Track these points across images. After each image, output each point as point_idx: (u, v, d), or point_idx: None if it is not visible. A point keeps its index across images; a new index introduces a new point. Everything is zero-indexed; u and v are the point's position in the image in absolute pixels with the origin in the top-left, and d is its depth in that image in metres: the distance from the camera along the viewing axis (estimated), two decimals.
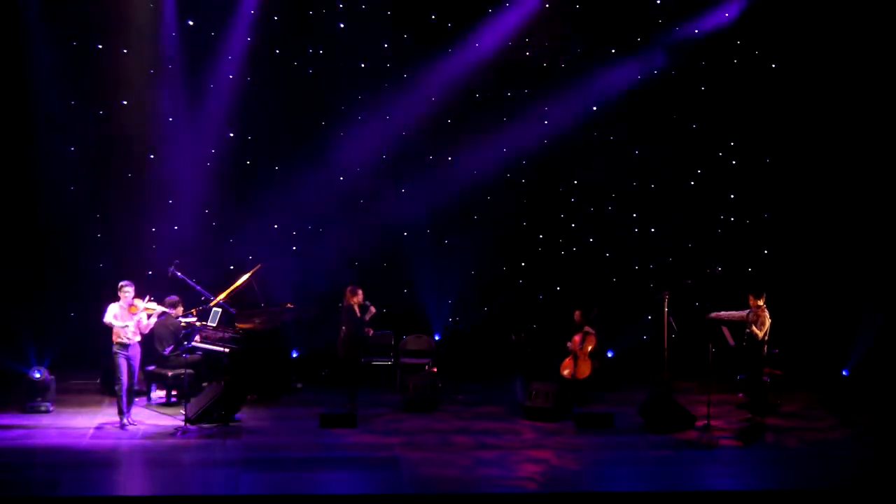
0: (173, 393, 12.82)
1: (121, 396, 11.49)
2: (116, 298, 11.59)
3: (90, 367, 13.35)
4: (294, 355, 14.43)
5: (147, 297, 11.76)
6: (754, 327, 12.08)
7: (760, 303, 12.13)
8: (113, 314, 11.47)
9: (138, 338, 11.63)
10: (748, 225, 15.88)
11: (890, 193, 15.20)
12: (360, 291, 12.77)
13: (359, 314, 12.65)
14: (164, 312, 12.00)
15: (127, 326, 11.46)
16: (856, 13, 14.94)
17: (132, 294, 11.60)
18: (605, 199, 15.94)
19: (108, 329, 11.49)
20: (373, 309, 12.77)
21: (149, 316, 11.71)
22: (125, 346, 11.48)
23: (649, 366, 14.12)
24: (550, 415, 12.24)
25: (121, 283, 11.70)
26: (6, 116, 14.19)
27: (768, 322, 12.12)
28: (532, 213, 15.98)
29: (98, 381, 13.14)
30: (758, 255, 15.70)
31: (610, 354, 14.69)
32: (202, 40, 14.82)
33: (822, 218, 15.42)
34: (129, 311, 11.52)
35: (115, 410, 11.69)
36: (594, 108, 15.77)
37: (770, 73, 15.52)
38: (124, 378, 11.46)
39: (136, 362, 11.71)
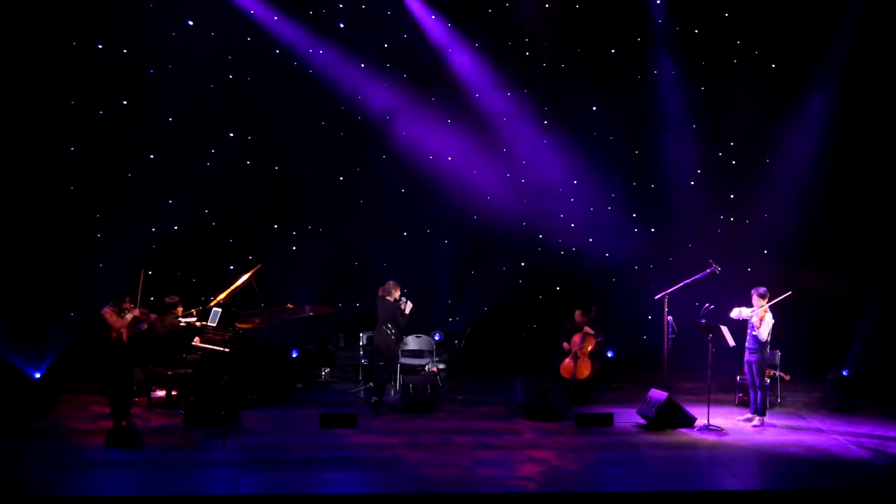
0: (173, 393, 12.81)
1: (117, 397, 11.47)
2: (107, 303, 11.55)
3: (89, 367, 13.32)
4: (294, 355, 14.43)
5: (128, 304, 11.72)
6: (758, 328, 12.05)
7: (764, 303, 12.10)
8: (108, 322, 11.42)
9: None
10: (749, 225, 15.89)
11: (890, 192, 15.22)
12: (398, 287, 13.04)
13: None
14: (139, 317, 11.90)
15: (121, 331, 11.44)
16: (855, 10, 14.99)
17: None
18: (605, 198, 15.95)
19: (105, 330, 11.45)
20: (409, 304, 12.96)
21: (137, 321, 11.69)
22: (121, 347, 11.44)
23: (649, 366, 14.15)
24: (551, 415, 12.23)
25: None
26: (4, 115, 14.18)
27: (771, 322, 12.09)
28: (531, 213, 15.98)
29: (97, 381, 13.11)
30: (759, 255, 15.69)
31: (610, 354, 14.69)
32: (201, 40, 14.83)
33: (820, 217, 15.43)
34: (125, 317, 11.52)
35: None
36: (594, 108, 15.79)
37: (770, 72, 15.53)
38: (122, 379, 11.44)
39: (132, 362, 11.68)
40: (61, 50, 14.35)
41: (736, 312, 12.24)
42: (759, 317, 12.07)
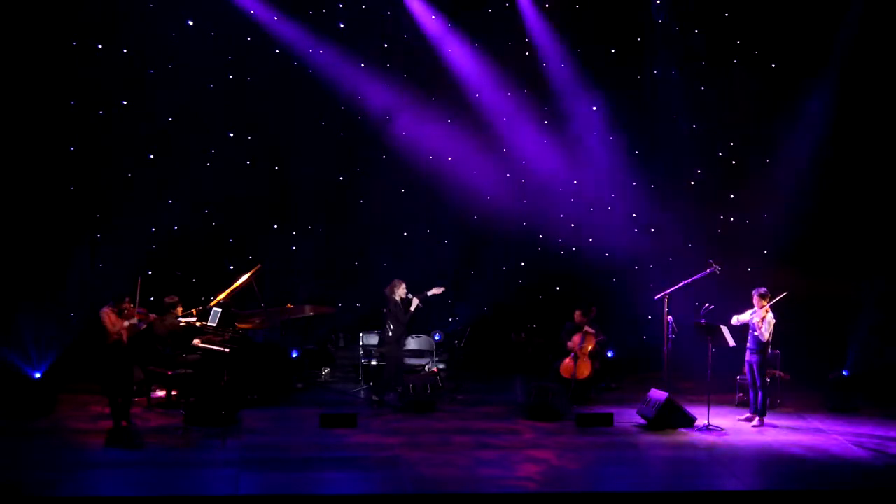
0: (173, 393, 12.81)
1: (117, 397, 11.47)
2: (107, 303, 11.54)
3: (89, 368, 13.32)
4: (294, 355, 14.44)
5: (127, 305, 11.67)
6: (760, 329, 12.04)
7: (765, 303, 12.08)
8: (108, 322, 11.42)
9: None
10: (749, 225, 15.89)
11: (890, 192, 15.22)
12: (403, 284, 13.03)
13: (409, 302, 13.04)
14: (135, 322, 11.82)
15: (120, 332, 11.45)
16: (855, 11, 14.97)
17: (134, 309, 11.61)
18: (605, 198, 15.96)
19: (104, 330, 11.44)
20: (415, 301, 13.02)
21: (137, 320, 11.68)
22: (121, 347, 11.44)
23: (649, 366, 14.15)
24: (551, 415, 12.22)
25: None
26: (5, 115, 14.18)
27: (772, 323, 12.08)
28: (531, 213, 15.98)
29: (97, 382, 13.10)
30: (758, 255, 15.69)
31: (610, 354, 14.68)
32: (201, 40, 14.83)
33: (821, 217, 15.42)
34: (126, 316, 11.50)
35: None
36: (594, 109, 15.79)
37: (770, 72, 15.53)
38: (122, 379, 11.44)
39: (132, 362, 11.69)
40: (61, 50, 14.34)
41: (735, 320, 12.20)
42: (759, 317, 12.05)
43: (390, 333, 13.02)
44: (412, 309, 13.01)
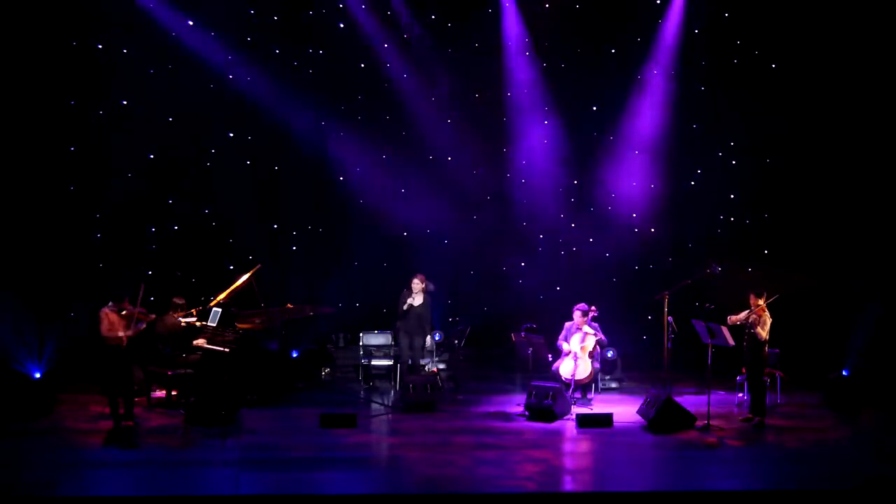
0: (173, 393, 12.81)
1: (117, 397, 11.48)
2: (106, 303, 11.55)
3: (89, 368, 13.32)
4: (294, 355, 14.45)
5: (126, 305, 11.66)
6: (757, 328, 12.04)
7: (761, 302, 12.08)
8: (108, 322, 11.41)
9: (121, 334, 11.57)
10: (748, 225, 15.89)
11: (890, 192, 15.21)
12: (416, 280, 13.40)
13: (407, 298, 13.38)
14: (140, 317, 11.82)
15: (121, 333, 11.45)
16: (855, 12, 14.95)
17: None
18: (605, 198, 15.98)
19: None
20: (411, 301, 13.31)
21: (137, 320, 11.66)
22: (120, 348, 11.44)
23: (649, 366, 14.16)
24: (550, 415, 12.21)
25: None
26: (6, 115, 14.19)
27: (769, 322, 12.09)
28: (532, 213, 16.00)
29: (97, 382, 13.10)
30: (758, 255, 15.70)
31: (610, 355, 14.68)
32: (201, 40, 14.85)
33: (822, 217, 15.42)
34: (126, 316, 11.51)
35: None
36: (594, 108, 15.81)
37: (770, 72, 15.53)
38: (122, 379, 11.45)
39: (132, 362, 11.69)
40: (61, 50, 14.35)
41: (730, 320, 12.19)
42: (756, 315, 12.06)
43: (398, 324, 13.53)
44: (404, 308, 13.31)
